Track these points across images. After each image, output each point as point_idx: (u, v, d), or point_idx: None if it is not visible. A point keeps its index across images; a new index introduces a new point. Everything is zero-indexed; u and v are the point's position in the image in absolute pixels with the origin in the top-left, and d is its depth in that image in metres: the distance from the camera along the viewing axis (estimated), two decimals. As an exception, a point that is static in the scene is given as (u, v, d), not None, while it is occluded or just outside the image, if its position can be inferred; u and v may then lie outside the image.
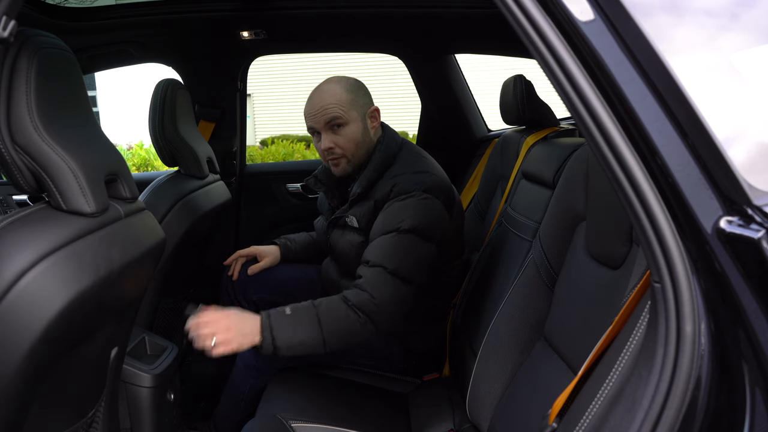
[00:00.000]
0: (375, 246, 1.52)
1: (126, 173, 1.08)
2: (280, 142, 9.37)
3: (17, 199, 2.46)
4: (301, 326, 1.39)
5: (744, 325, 0.60)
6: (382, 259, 1.48)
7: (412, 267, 1.49)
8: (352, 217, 1.64)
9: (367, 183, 1.60)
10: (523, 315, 1.34)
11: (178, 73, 2.52)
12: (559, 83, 0.66)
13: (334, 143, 1.60)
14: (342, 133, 1.59)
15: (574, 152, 1.40)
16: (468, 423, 1.43)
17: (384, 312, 1.46)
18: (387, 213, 1.54)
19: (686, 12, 0.68)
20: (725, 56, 0.66)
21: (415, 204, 1.52)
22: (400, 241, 1.49)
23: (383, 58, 2.81)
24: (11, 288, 0.80)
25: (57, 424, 1.03)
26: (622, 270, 1.02)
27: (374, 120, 1.65)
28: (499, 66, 4.39)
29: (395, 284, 1.47)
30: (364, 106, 1.62)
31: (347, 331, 1.42)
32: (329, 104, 1.58)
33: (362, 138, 1.61)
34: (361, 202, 1.62)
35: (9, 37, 0.80)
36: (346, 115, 1.58)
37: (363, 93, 1.64)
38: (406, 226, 1.49)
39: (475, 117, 2.73)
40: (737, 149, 0.61)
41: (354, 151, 1.62)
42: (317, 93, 1.62)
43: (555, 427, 0.82)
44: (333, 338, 1.41)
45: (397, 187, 1.55)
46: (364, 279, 1.48)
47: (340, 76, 1.65)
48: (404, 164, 1.61)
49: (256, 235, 2.66)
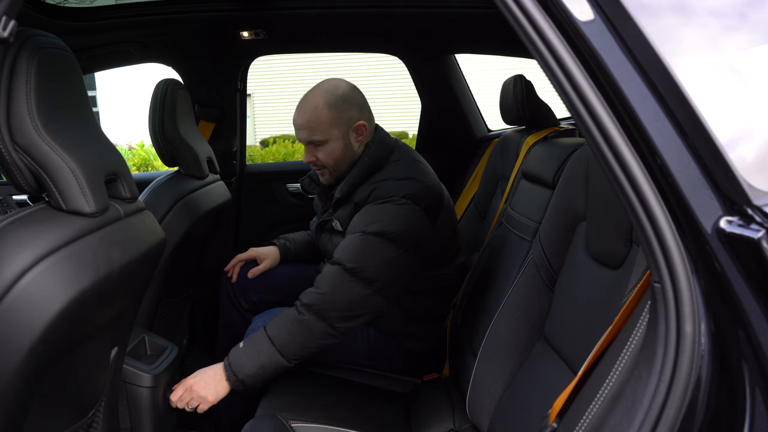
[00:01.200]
0: (341, 244, 1.54)
1: (126, 173, 1.08)
2: (281, 142, 9.37)
3: (17, 199, 2.46)
4: (254, 352, 1.43)
5: (744, 325, 0.60)
6: (343, 256, 1.49)
7: (378, 268, 1.48)
8: (336, 221, 1.66)
9: (348, 188, 1.61)
10: (523, 315, 1.34)
11: (178, 73, 2.52)
12: (559, 83, 0.66)
13: (315, 157, 1.63)
14: (322, 149, 1.61)
15: (574, 152, 1.40)
16: (468, 423, 1.43)
17: (332, 308, 1.46)
18: (360, 214, 1.56)
19: (686, 12, 0.68)
20: (725, 56, 0.66)
21: (389, 208, 1.51)
22: (364, 242, 1.49)
23: (383, 58, 2.81)
24: (11, 288, 0.80)
25: (57, 424, 1.03)
26: (622, 270, 1.02)
27: (360, 134, 1.63)
28: (499, 66, 4.39)
29: (352, 282, 1.47)
30: (348, 122, 1.60)
31: (299, 334, 1.45)
32: (308, 124, 1.59)
33: (342, 154, 1.62)
34: (344, 206, 1.64)
35: (9, 37, 0.80)
36: (325, 134, 1.59)
37: (349, 106, 1.60)
38: (374, 228, 1.49)
39: (475, 117, 2.73)
40: (737, 149, 0.61)
41: (334, 166, 1.64)
42: (300, 108, 1.62)
43: (555, 427, 0.82)
44: (289, 348, 1.44)
45: (375, 192, 1.55)
46: (320, 275, 1.51)
47: (331, 83, 1.63)
48: (391, 170, 1.61)
49: (256, 235, 2.65)
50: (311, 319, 1.45)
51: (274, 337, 1.44)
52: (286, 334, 1.45)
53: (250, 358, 1.43)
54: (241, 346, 1.47)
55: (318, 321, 1.45)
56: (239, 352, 1.46)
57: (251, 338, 1.47)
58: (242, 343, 1.48)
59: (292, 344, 1.44)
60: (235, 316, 1.95)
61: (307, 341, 1.46)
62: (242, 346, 1.47)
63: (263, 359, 1.43)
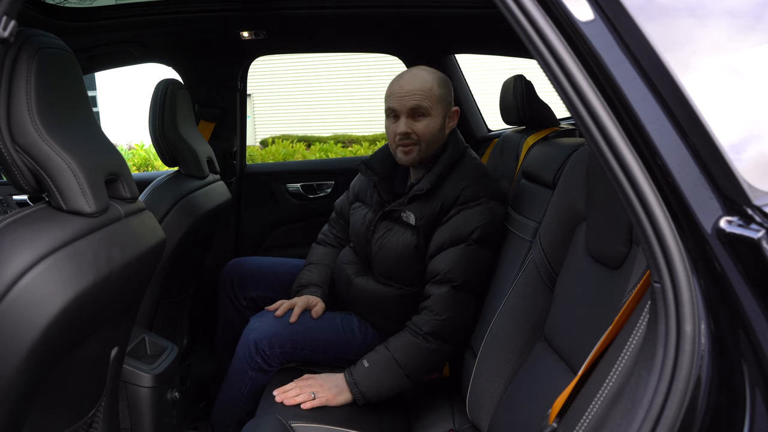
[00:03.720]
0: (444, 258, 1.55)
1: (126, 173, 1.08)
2: (280, 142, 9.37)
3: (17, 199, 2.46)
4: (383, 374, 1.50)
5: (744, 325, 0.60)
6: (451, 272, 1.52)
7: (481, 275, 1.56)
8: (410, 213, 1.62)
9: (436, 180, 1.60)
10: (523, 315, 1.34)
11: (178, 73, 2.52)
12: (559, 83, 0.66)
13: (411, 129, 1.60)
14: (422, 122, 1.61)
15: (574, 152, 1.40)
16: (468, 423, 1.43)
17: (454, 329, 1.52)
18: (455, 221, 1.57)
19: (686, 12, 0.68)
20: (725, 56, 0.66)
21: (483, 212, 1.56)
22: (469, 253, 1.54)
23: (383, 58, 2.81)
24: (11, 288, 0.80)
25: (57, 424, 1.03)
26: (622, 270, 1.02)
27: (452, 120, 1.67)
28: (499, 66, 4.39)
29: (466, 298, 1.54)
30: (448, 105, 1.65)
31: (426, 360, 1.52)
32: (420, 91, 1.59)
33: (438, 133, 1.63)
34: (425, 201, 1.61)
35: (9, 37, 0.80)
36: (432, 107, 1.60)
37: (450, 92, 1.66)
38: (476, 236, 1.54)
39: (475, 117, 2.73)
40: (737, 149, 0.61)
41: (428, 143, 1.62)
42: (410, 76, 1.63)
43: (555, 426, 0.82)
44: (416, 373, 1.52)
45: (465, 192, 1.57)
46: (433, 299, 1.53)
47: (431, 68, 1.67)
48: (469, 167, 1.65)
49: (256, 235, 2.66)
50: (439, 345, 1.52)
51: (404, 364, 1.50)
52: (416, 361, 1.50)
53: (379, 380, 1.49)
54: (366, 365, 1.51)
55: (446, 345, 1.53)
56: (365, 371, 1.50)
57: (377, 361, 1.51)
58: (366, 362, 1.52)
59: (421, 369, 1.52)
60: (233, 314, 1.95)
61: (435, 364, 1.56)
62: (367, 365, 1.51)
63: (394, 384, 1.51)
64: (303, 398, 1.46)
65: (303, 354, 1.63)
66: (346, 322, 1.70)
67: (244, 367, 1.61)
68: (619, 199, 0.66)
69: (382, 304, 1.66)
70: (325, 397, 1.47)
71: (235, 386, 1.64)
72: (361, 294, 1.70)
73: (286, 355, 1.61)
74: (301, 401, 1.45)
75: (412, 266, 1.62)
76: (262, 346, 1.57)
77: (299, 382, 1.51)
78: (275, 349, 1.58)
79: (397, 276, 1.65)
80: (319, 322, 1.67)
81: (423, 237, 1.60)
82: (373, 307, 1.69)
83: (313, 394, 1.47)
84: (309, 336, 1.63)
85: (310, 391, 1.48)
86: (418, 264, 1.61)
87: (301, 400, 1.46)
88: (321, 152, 8.64)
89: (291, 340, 1.60)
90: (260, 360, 1.59)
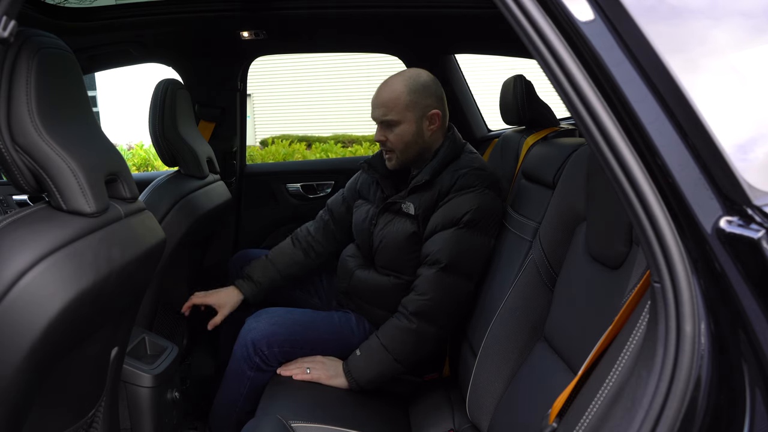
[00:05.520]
0: (435, 241, 1.58)
1: (126, 173, 1.08)
2: (280, 142, 9.37)
3: (17, 199, 2.46)
4: (373, 362, 1.55)
5: (744, 325, 0.60)
6: (440, 253, 1.55)
7: (473, 260, 1.57)
8: (410, 203, 1.66)
9: (433, 172, 1.63)
10: (523, 315, 1.34)
11: (178, 73, 2.52)
12: (559, 83, 0.66)
13: (384, 137, 1.67)
14: (394, 130, 1.65)
15: (574, 152, 1.40)
16: (468, 423, 1.43)
17: (440, 311, 1.54)
18: (448, 207, 1.59)
19: (686, 12, 0.68)
20: (725, 56, 0.66)
21: (476, 198, 1.58)
22: (458, 236, 1.55)
23: (383, 58, 2.81)
24: (11, 288, 0.80)
25: (57, 424, 1.03)
26: (622, 270, 1.02)
27: (432, 123, 1.67)
28: (499, 66, 4.38)
29: (449, 281, 1.54)
30: (423, 108, 1.65)
31: (410, 342, 1.54)
32: (386, 104, 1.64)
33: (413, 139, 1.65)
34: (423, 191, 1.65)
35: (9, 37, 0.80)
36: (400, 116, 1.63)
37: (427, 95, 1.65)
38: (467, 219, 1.56)
39: (475, 117, 2.73)
40: (737, 149, 0.61)
41: (402, 150, 1.67)
42: (382, 87, 1.68)
43: (555, 426, 0.82)
44: (402, 356, 1.55)
45: (461, 180, 1.61)
46: (420, 279, 1.57)
47: (414, 71, 1.69)
48: (467, 159, 1.68)
49: (256, 235, 2.66)
50: (422, 326, 1.53)
51: (390, 348, 1.54)
52: (400, 343, 1.54)
53: (369, 366, 1.55)
54: (358, 354, 1.57)
55: (429, 326, 1.54)
56: (358, 360, 1.56)
57: (368, 347, 1.57)
58: (359, 351, 1.58)
59: (406, 352, 1.55)
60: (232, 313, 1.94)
61: (420, 347, 1.56)
62: (359, 354, 1.57)
63: (383, 369, 1.55)
64: (297, 371, 1.55)
65: (301, 353, 1.63)
66: (344, 321, 1.72)
67: (242, 368, 1.61)
68: (619, 199, 0.66)
69: (381, 294, 1.69)
70: (319, 375, 1.56)
71: (234, 386, 1.64)
72: (361, 285, 1.74)
73: (285, 354, 1.61)
74: (295, 373, 1.55)
75: (411, 255, 1.65)
76: (260, 346, 1.58)
77: (304, 359, 1.59)
78: (273, 348, 1.59)
79: (397, 266, 1.68)
80: (317, 321, 1.69)
81: (422, 225, 1.64)
82: (371, 298, 1.72)
83: (308, 370, 1.55)
84: (307, 335, 1.64)
85: (306, 367, 1.57)
86: (417, 252, 1.64)
87: (295, 372, 1.54)
88: (321, 152, 8.65)
89: (289, 339, 1.61)
90: (258, 360, 1.59)
